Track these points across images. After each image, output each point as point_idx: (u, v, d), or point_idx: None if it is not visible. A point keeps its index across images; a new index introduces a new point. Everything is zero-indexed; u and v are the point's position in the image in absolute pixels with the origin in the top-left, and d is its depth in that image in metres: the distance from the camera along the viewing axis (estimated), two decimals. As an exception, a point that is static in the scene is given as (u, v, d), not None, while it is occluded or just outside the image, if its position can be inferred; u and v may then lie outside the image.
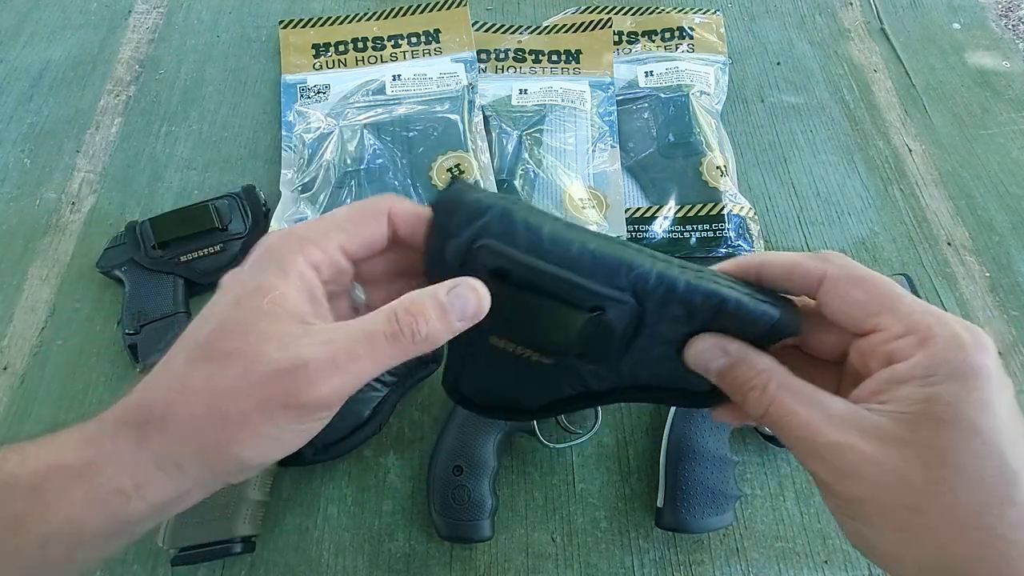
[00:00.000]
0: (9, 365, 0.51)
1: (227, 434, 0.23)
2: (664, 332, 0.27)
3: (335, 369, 0.23)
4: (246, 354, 0.23)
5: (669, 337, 0.28)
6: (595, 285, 0.26)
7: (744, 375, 0.25)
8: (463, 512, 0.42)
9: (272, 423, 0.23)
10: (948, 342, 0.22)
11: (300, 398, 0.23)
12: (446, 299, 0.25)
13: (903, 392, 0.22)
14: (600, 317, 0.27)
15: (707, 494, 0.42)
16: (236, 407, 0.23)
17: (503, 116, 0.61)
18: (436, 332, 0.25)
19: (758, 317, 0.26)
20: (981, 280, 0.56)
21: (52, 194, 0.60)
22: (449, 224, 0.27)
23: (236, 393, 0.23)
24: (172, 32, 0.71)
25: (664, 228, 0.57)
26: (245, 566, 0.44)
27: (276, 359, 0.23)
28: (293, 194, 0.58)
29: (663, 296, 0.27)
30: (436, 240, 0.27)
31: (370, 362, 0.24)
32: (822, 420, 0.23)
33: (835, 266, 0.25)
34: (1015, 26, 1.21)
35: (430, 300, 0.25)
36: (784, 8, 0.74)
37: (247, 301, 0.24)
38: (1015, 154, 0.63)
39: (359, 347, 0.24)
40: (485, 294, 0.26)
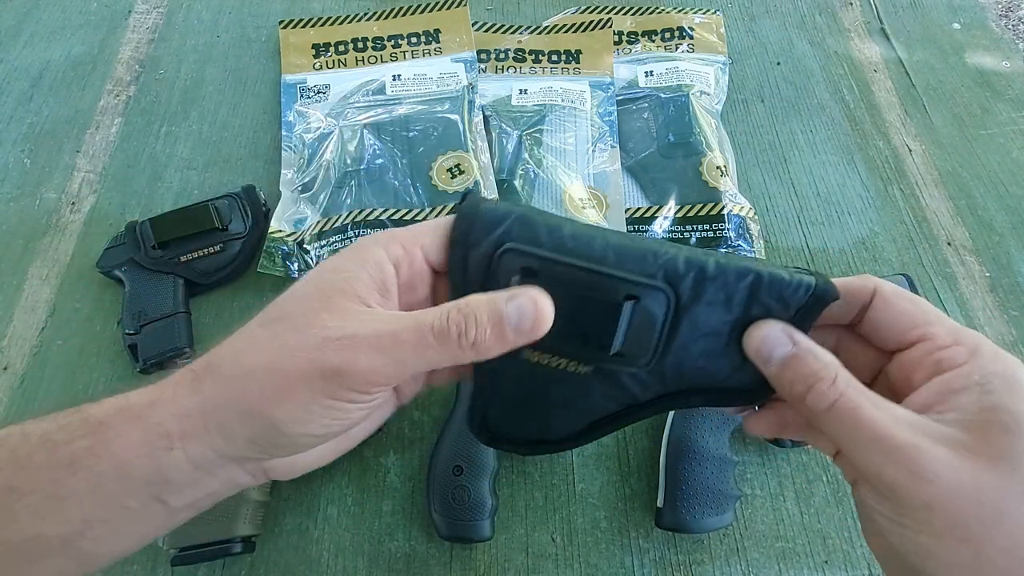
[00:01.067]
0: (9, 365, 0.51)
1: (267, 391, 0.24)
2: (704, 320, 0.26)
3: (378, 348, 0.24)
4: (306, 318, 0.25)
5: (711, 327, 0.27)
6: (627, 274, 0.26)
7: (811, 366, 0.24)
8: (463, 512, 0.42)
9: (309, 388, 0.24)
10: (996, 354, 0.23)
11: (340, 366, 0.24)
12: (504, 307, 0.24)
13: (962, 400, 0.22)
14: (637, 305, 0.26)
15: (707, 494, 0.42)
16: (282, 364, 0.24)
17: (503, 116, 0.61)
18: (485, 341, 0.24)
19: (797, 285, 0.26)
20: (981, 280, 0.56)
21: (52, 194, 0.60)
22: (469, 235, 0.27)
23: (286, 351, 0.24)
24: (172, 32, 0.71)
25: (664, 228, 0.57)
26: (245, 566, 0.44)
27: (329, 327, 0.24)
28: (293, 194, 0.58)
29: (695, 279, 0.26)
30: (457, 253, 0.27)
31: (412, 352, 0.24)
32: (892, 421, 0.22)
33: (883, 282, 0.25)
34: (1015, 26, 1.21)
35: (486, 306, 0.24)
36: (784, 8, 0.74)
37: (320, 278, 0.26)
38: (1015, 154, 0.63)
39: (405, 334, 0.24)
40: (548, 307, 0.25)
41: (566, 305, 0.26)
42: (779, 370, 0.25)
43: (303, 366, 0.24)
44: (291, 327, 0.25)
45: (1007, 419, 0.21)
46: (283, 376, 0.24)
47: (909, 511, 0.21)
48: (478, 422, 0.30)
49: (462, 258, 0.27)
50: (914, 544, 0.22)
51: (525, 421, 0.30)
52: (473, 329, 0.24)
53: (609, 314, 0.26)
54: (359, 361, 0.24)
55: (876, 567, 0.44)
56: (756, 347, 0.26)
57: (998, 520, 0.20)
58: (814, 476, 0.47)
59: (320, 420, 0.25)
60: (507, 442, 0.30)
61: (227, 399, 0.25)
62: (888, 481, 0.22)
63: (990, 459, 0.20)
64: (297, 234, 0.55)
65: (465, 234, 0.27)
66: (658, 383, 0.28)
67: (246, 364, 0.25)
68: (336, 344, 0.24)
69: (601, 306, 0.26)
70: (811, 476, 0.47)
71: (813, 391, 0.24)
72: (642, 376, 0.28)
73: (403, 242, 0.27)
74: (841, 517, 0.45)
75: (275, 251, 0.54)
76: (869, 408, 0.23)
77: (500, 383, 0.29)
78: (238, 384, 0.25)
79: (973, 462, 0.21)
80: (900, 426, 0.22)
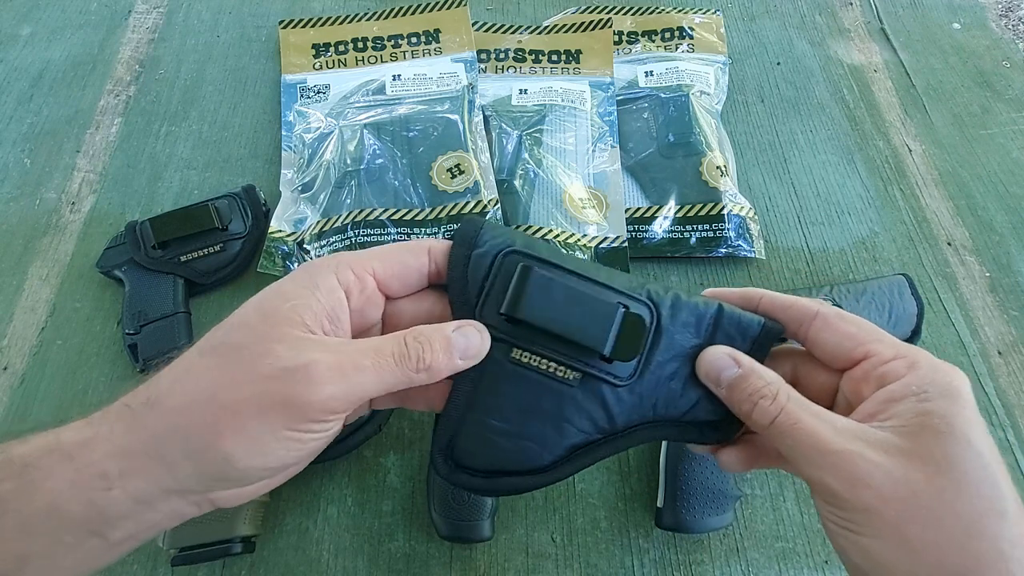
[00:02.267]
0: (9, 365, 0.51)
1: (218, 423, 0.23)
2: (679, 341, 0.28)
3: (340, 375, 0.24)
4: (255, 349, 0.24)
5: (682, 349, 0.28)
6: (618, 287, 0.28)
7: (754, 384, 0.26)
8: (463, 512, 0.42)
9: (264, 420, 0.23)
10: (934, 366, 0.24)
11: (299, 396, 0.23)
12: (452, 335, 0.26)
13: (900, 408, 0.23)
14: (629, 312, 0.28)
15: (707, 494, 0.42)
16: (232, 396, 0.23)
17: (503, 116, 0.61)
18: (439, 363, 0.26)
19: (751, 319, 0.29)
20: (981, 280, 0.56)
21: (52, 194, 0.60)
22: (475, 237, 0.28)
23: (236, 383, 0.23)
24: (172, 32, 0.71)
25: (664, 228, 0.57)
26: (245, 566, 0.44)
27: (284, 357, 0.23)
28: (293, 194, 0.58)
29: (673, 302, 0.29)
30: (460, 251, 0.28)
31: (374, 376, 0.24)
32: (831, 430, 0.24)
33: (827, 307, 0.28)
34: (1015, 26, 1.21)
35: (436, 333, 0.26)
36: (784, 8, 0.74)
37: (268, 304, 0.25)
38: (1015, 154, 0.63)
39: (366, 359, 0.24)
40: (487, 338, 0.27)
41: (562, 306, 0.27)
42: (728, 391, 0.27)
43: (255, 398, 0.23)
44: (237, 358, 0.24)
45: (939, 423, 0.22)
46: (233, 409, 0.23)
47: (850, 515, 0.23)
48: (443, 446, 0.28)
49: (464, 256, 0.28)
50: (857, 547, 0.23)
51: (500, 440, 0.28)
52: (428, 354, 0.25)
53: (603, 315, 0.27)
54: (320, 390, 0.23)
55: (876, 567, 0.44)
56: (705, 370, 0.27)
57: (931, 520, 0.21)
58: (814, 476, 0.47)
59: (275, 453, 0.24)
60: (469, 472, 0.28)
61: (172, 433, 0.24)
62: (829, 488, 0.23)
63: (923, 461, 0.22)
64: (297, 234, 0.55)
65: (471, 236, 0.28)
66: (635, 405, 0.28)
67: (191, 396, 0.24)
68: (292, 374, 0.23)
69: (596, 307, 0.27)
70: (811, 476, 0.47)
71: (757, 407, 0.25)
72: (622, 395, 0.28)
73: (354, 267, 0.26)
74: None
75: (275, 251, 0.54)
76: (809, 419, 0.24)
77: (481, 390, 0.28)
78: (183, 417, 0.24)
79: (906, 465, 0.22)
80: (838, 435, 0.23)
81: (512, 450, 0.28)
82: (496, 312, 0.28)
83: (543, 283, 0.27)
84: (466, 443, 0.28)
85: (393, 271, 0.27)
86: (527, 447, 0.28)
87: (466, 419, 0.28)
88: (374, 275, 0.27)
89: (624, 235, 0.55)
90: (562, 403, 0.28)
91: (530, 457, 0.28)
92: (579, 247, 0.54)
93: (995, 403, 0.50)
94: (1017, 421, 0.49)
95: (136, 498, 0.24)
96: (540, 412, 0.28)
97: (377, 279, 0.27)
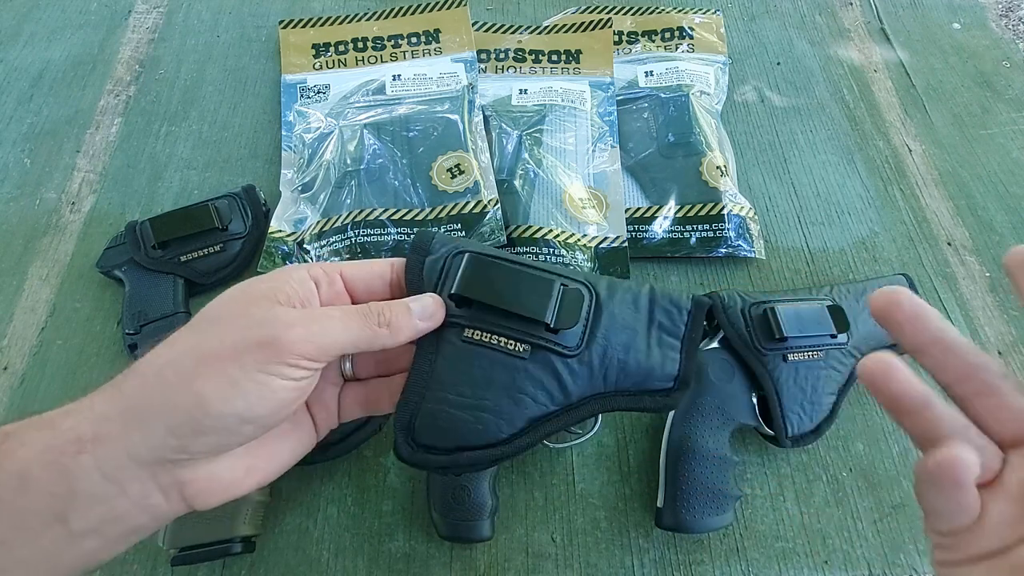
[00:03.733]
0: (9, 365, 0.51)
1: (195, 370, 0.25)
2: (619, 315, 0.31)
3: (309, 319, 0.26)
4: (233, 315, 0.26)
5: (626, 322, 0.31)
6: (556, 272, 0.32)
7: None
8: (463, 512, 0.42)
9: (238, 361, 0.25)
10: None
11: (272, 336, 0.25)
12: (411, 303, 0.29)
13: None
14: (566, 288, 0.31)
15: (707, 494, 0.42)
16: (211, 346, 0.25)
17: (503, 116, 0.61)
18: (399, 321, 0.28)
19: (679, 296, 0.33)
20: (981, 280, 0.56)
21: (52, 194, 0.60)
22: (428, 246, 0.32)
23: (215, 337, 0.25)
24: (172, 32, 0.71)
25: (664, 228, 0.57)
26: (245, 566, 0.44)
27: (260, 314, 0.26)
28: (293, 194, 0.58)
29: (608, 285, 0.32)
30: (415, 258, 0.31)
31: (340, 325, 0.27)
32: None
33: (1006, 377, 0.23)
34: (1015, 26, 1.21)
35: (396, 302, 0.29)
36: (784, 8, 0.74)
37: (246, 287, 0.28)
38: (1015, 154, 0.63)
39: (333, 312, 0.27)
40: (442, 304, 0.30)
41: (505, 284, 0.30)
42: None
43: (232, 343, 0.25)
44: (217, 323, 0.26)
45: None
46: (212, 355, 0.25)
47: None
48: (404, 425, 0.29)
49: (419, 262, 0.31)
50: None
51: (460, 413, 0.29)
52: (388, 312, 0.28)
53: (543, 289, 0.30)
54: (291, 331, 0.25)
55: (876, 567, 0.44)
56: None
57: None
58: (814, 476, 0.47)
59: (247, 396, 0.25)
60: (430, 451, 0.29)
61: (149, 388, 0.25)
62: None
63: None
64: (297, 234, 0.55)
65: (424, 244, 0.32)
66: (587, 375, 0.30)
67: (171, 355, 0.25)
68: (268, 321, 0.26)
69: (536, 283, 0.31)
70: (811, 476, 0.47)
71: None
72: (573, 365, 0.30)
73: (323, 267, 0.29)
74: (841, 517, 0.45)
75: (275, 251, 0.54)
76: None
77: (437, 369, 0.30)
78: (161, 372, 0.25)
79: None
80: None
81: (471, 423, 0.29)
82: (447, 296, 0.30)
83: (487, 265, 0.31)
84: (426, 420, 0.29)
85: (358, 274, 0.30)
86: (486, 419, 0.29)
87: (424, 398, 0.29)
88: (341, 275, 0.30)
89: (624, 235, 0.55)
90: (515, 375, 0.30)
91: (489, 430, 0.29)
92: (579, 247, 0.54)
93: (995, 403, 0.50)
94: (1017, 421, 0.49)
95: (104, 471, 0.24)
96: (495, 385, 0.30)
97: (344, 278, 0.30)
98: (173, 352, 0.26)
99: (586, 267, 0.54)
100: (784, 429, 0.44)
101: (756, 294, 0.47)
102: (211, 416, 0.24)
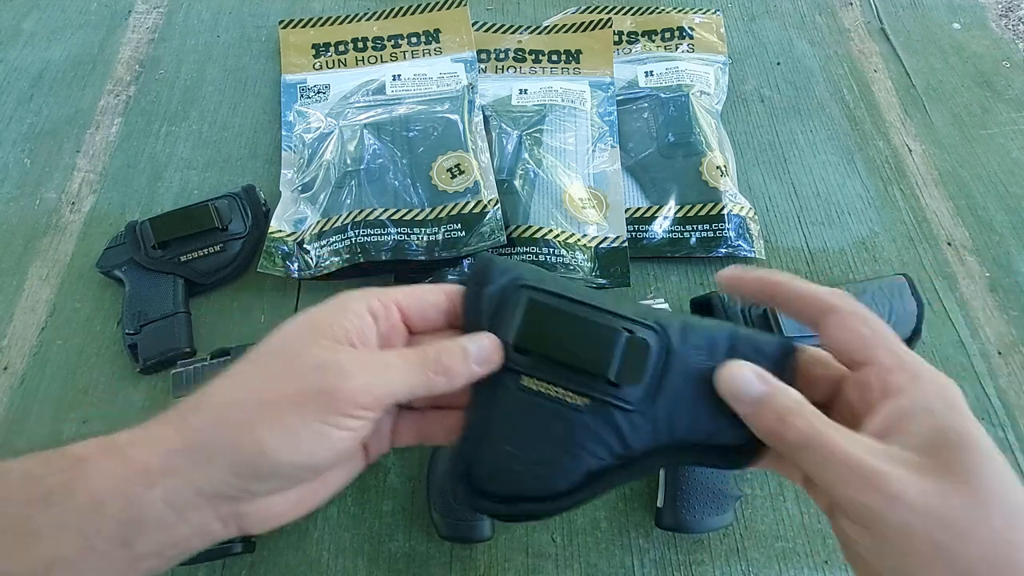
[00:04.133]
0: (9, 365, 0.51)
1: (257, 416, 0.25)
2: (692, 363, 0.28)
3: (369, 369, 0.26)
4: (293, 351, 0.27)
5: (698, 371, 0.28)
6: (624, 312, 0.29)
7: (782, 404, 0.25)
8: (463, 512, 0.42)
9: (298, 411, 0.25)
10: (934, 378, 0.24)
11: (332, 386, 0.25)
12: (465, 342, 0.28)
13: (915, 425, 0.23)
14: (633, 336, 0.28)
15: (707, 494, 0.42)
16: (272, 391, 0.26)
17: (503, 116, 0.61)
18: (456, 367, 0.28)
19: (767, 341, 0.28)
20: (981, 280, 0.56)
21: (52, 194, 0.60)
22: (486, 275, 0.30)
23: (276, 380, 0.26)
24: (172, 32, 0.71)
25: (664, 228, 0.57)
26: (245, 566, 0.44)
27: (319, 355, 0.26)
28: (293, 194, 0.58)
29: (682, 325, 0.29)
30: (472, 289, 0.30)
31: (399, 374, 0.27)
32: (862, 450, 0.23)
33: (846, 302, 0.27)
34: (1015, 26, 1.21)
35: (451, 343, 0.28)
36: (784, 8, 0.74)
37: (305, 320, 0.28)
38: (1015, 154, 0.63)
39: (391, 359, 0.27)
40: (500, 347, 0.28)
41: (567, 334, 0.28)
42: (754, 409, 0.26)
43: (293, 392, 0.25)
44: (276, 361, 0.27)
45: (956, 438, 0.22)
46: (273, 401, 0.25)
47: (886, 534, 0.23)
48: (461, 472, 0.29)
49: (476, 294, 0.29)
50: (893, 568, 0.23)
51: (515, 467, 0.29)
52: (446, 357, 0.27)
53: (606, 341, 0.28)
54: (351, 381, 0.25)
55: (876, 567, 0.44)
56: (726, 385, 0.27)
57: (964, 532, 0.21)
58: (814, 476, 0.47)
59: (307, 445, 0.25)
60: (487, 498, 0.29)
61: (214, 427, 0.25)
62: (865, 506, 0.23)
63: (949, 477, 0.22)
64: (297, 234, 0.55)
65: (482, 274, 0.30)
66: (650, 429, 0.28)
67: (234, 395, 0.26)
68: (328, 367, 0.26)
69: (599, 333, 0.28)
70: (811, 476, 0.47)
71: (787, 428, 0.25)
72: (635, 419, 0.28)
73: (380, 297, 0.29)
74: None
75: (275, 251, 0.54)
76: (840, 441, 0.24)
77: (495, 417, 0.29)
78: (225, 412, 0.26)
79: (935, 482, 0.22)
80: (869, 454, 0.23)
81: (527, 475, 0.28)
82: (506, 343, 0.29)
83: (548, 313, 0.28)
84: (483, 470, 0.29)
85: (414, 304, 0.30)
86: (540, 472, 0.28)
87: (481, 446, 0.29)
88: (398, 305, 0.29)
89: (624, 235, 0.55)
90: (573, 429, 0.28)
91: (544, 482, 0.29)
92: (579, 247, 0.54)
93: (995, 403, 0.50)
94: (1017, 421, 0.49)
95: (170, 501, 0.25)
96: (551, 438, 0.28)
97: (400, 309, 0.29)
98: (236, 390, 0.26)
99: (586, 267, 0.54)
100: (784, 429, 0.44)
101: (756, 294, 0.47)
102: (270, 464, 0.25)
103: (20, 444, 0.48)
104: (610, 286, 0.53)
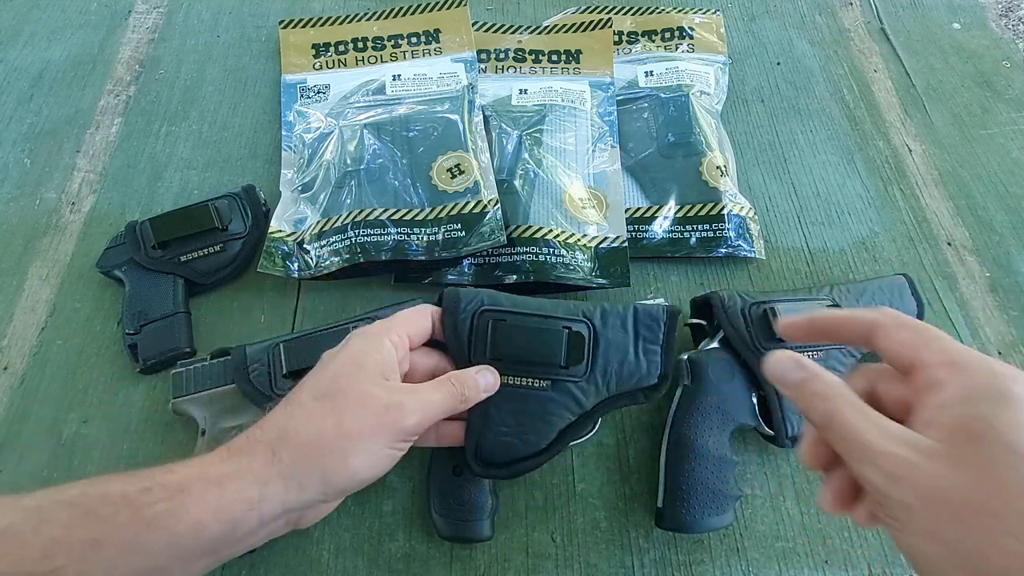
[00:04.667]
0: (9, 365, 0.51)
1: (346, 447, 0.34)
2: (613, 339, 0.42)
3: (420, 408, 0.36)
4: (360, 393, 0.35)
5: (619, 343, 0.42)
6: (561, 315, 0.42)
7: (815, 387, 0.27)
8: (463, 512, 0.42)
9: (378, 441, 0.35)
10: (981, 368, 0.25)
11: (398, 423, 0.35)
12: (477, 377, 0.39)
13: (945, 416, 0.24)
14: (571, 331, 0.41)
15: (707, 494, 0.42)
16: (354, 427, 0.34)
17: (503, 116, 0.61)
18: (473, 396, 0.39)
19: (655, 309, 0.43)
20: (981, 280, 0.56)
21: (52, 194, 0.60)
22: (456, 306, 0.42)
23: (354, 418, 0.34)
24: (172, 32, 0.71)
25: (664, 228, 0.57)
26: (245, 566, 0.44)
27: (383, 397, 0.35)
28: (293, 194, 0.58)
29: (601, 314, 0.42)
30: (448, 320, 0.41)
31: (439, 408, 0.37)
32: (875, 429, 0.25)
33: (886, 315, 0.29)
34: (1015, 26, 1.21)
35: (467, 376, 0.39)
36: (784, 8, 0.74)
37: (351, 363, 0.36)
38: (1015, 154, 0.63)
39: (433, 396, 0.37)
40: (498, 377, 0.40)
41: (525, 339, 0.41)
42: (793, 391, 0.29)
43: (370, 427, 0.34)
44: (348, 400, 0.35)
45: (980, 428, 0.23)
46: (357, 436, 0.34)
47: (892, 511, 0.24)
48: (473, 452, 0.41)
49: (452, 324, 0.41)
50: (904, 544, 0.25)
51: (510, 439, 0.41)
52: (467, 390, 0.39)
53: (555, 339, 0.41)
54: (410, 417, 0.35)
55: (876, 567, 0.44)
56: (772, 372, 0.29)
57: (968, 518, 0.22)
58: (814, 476, 0.47)
59: (380, 464, 0.35)
60: (494, 467, 0.41)
61: (308, 460, 0.33)
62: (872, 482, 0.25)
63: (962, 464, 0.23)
64: (297, 234, 0.55)
65: (453, 307, 0.42)
66: (595, 391, 0.42)
67: (319, 431, 0.34)
68: (393, 409, 0.35)
69: (549, 335, 0.41)
70: (811, 476, 0.47)
71: (814, 408, 0.27)
72: (583, 386, 0.41)
73: (398, 331, 0.39)
74: (841, 517, 0.45)
75: (275, 251, 0.54)
76: (856, 417, 0.26)
77: (490, 410, 0.41)
78: (315, 450, 0.33)
79: (946, 467, 0.23)
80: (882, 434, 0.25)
81: (519, 444, 0.41)
82: (483, 355, 0.41)
83: (508, 328, 0.41)
84: (488, 446, 0.41)
85: (413, 330, 0.40)
86: (528, 439, 0.41)
87: (484, 431, 0.41)
88: (407, 334, 0.39)
89: (624, 235, 0.55)
90: (544, 404, 0.41)
91: (531, 445, 0.41)
92: (579, 247, 0.54)
93: (995, 403, 0.50)
94: (1017, 421, 0.49)
95: (263, 520, 0.32)
96: (531, 414, 0.41)
97: (408, 336, 0.39)
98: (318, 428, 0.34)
99: (586, 267, 0.54)
100: (784, 429, 0.44)
101: (756, 294, 0.47)
102: (356, 483, 0.35)
103: (20, 444, 0.48)
104: (610, 286, 0.53)
